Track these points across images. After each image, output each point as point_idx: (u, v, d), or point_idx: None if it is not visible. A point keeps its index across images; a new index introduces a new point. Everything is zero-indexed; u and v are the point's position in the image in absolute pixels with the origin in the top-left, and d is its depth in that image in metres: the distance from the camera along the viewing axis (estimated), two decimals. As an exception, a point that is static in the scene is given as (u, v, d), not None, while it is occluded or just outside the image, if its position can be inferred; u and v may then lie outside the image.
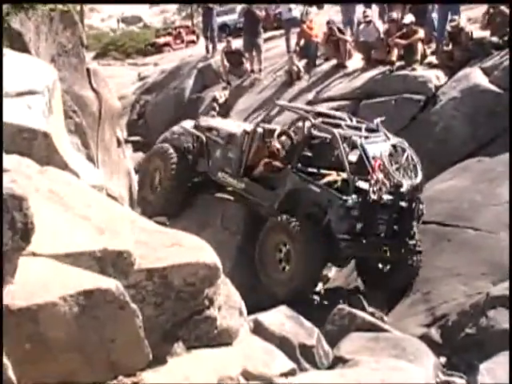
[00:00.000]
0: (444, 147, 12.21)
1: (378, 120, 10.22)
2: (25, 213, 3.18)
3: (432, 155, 11.62)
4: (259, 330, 6.52)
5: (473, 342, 8.19)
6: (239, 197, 10.72)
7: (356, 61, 16.15)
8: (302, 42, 17.55)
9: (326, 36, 16.51)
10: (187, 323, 3.90)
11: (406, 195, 9.48)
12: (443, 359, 8.26)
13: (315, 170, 10.07)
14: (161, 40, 34.74)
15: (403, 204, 9.52)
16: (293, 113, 11.03)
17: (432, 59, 14.69)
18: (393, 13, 16.06)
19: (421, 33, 14.72)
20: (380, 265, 9.96)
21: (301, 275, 9.32)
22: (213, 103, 18.57)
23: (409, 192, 9.47)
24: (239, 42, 19.79)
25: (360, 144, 9.52)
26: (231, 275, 5.34)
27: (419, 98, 13.56)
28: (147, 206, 11.22)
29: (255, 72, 18.60)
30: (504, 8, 13.79)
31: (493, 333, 8.00)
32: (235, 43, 19.73)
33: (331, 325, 8.41)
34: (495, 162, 11.15)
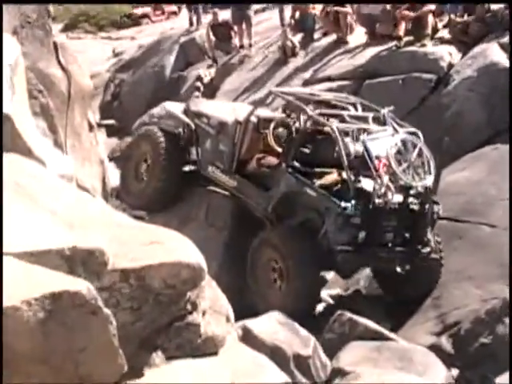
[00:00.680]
0: (456, 133, 12.26)
1: (386, 110, 9.97)
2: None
3: (442, 142, 11.67)
4: (248, 338, 6.55)
5: (488, 353, 8.23)
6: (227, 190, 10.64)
7: (358, 36, 16.18)
8: (298, 15, 17.55)
9: (325, 8, 16.53)
10: (167, 330, 3.90)
11: (417, 197, 9.29)
12: (455, 372, 8.30)
13: (314, 169, 9.81)
14: (138, 11, 34.69)
15: (414, 207, 9.30)
16: (291, 101, 10.40)
17: (444, 34, 14.74)
18: (400, -19, 16.12)
19: (431, 4, 14.77)
20: (399, 269, 9.72)
21: (295, 297, 9.17)
22: (197, 83, 18.56)
23: (420, 194, 9.27)
24: (227, 14, 19.79)
25: (362, 141, 9.24)
26: (217, 276, 5.34)
27: (429, 78, 13.61)
28: (131, 198, 11.18)
29: (245, 48, 18.62)
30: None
31: (509, 342, 8.04)
32: (222, 15, 19.72)
33: (330, 333, 8.45)
34: (513, 151, 11.19)
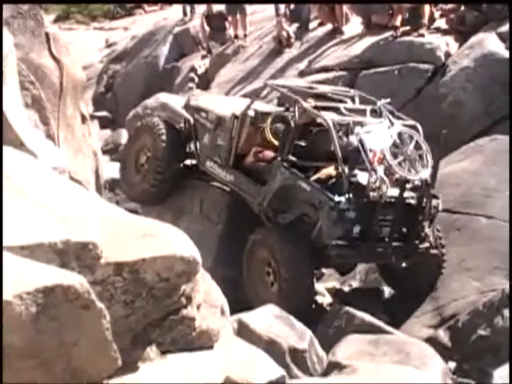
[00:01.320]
0: (453, 124, 12.22)
1: (382, 102, 9.94)
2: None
3: (439, 133, 11.65)
4: (244, 332, 6.56)
5: (486, 346, 8.25)
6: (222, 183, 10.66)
7: (354, 25, 16.17)
8: (293, 4, 17.53)
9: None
10: (161, 324, 3.90)
11: (414, 191, 9.28)
12: (453, 365, 8.32)
13: (312, 163, 9.75)
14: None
15: (411, 201, 9.28)
16: (287, 94, 10.35)
17: (441, 23, 14.72)
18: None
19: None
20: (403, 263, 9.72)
21: (291, 300, 9.06)
22: (191, 74, 18.54)
23: (417, 187, 9.26)
24: (221, 4, 19.75)
25: (356, 134, 9.14)
26: (212, 269, 5.35)
27: (426, 68, 13.60)
28: (131, 189, 11.31)
29: (239, 38, 18.58)
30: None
31: (508, 335, 8.05)
32: (217, 5, 19.68)
33: (326, 326, 8.45)
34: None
